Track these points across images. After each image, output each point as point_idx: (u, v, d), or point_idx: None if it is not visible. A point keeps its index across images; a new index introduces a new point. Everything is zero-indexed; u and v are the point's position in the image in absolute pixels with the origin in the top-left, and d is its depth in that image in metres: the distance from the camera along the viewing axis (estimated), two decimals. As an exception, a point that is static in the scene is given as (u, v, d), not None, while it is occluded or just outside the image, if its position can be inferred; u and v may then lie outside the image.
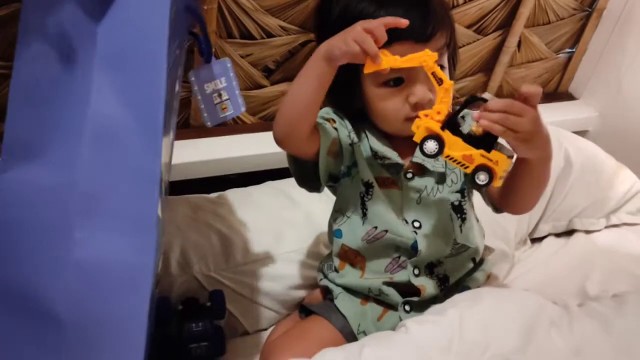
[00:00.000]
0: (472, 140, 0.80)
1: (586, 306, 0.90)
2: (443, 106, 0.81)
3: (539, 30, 1.89)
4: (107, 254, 0.65)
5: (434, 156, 0.81)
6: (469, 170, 0.80)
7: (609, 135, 1.94)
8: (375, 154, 0.96)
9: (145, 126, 0.66)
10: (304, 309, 1.06)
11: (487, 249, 1.10)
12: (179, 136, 1.50)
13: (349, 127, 0.97)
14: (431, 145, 0.81)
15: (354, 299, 1.01)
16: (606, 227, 1.54)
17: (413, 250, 0.97)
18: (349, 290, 1.02)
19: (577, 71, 2.05)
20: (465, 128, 0.84)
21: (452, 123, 0.81)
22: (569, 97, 2.09)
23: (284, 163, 1.61)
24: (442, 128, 0.80)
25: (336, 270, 1.03)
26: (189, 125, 1.56)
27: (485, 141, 0.79)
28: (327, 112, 0.98)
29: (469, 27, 1.77)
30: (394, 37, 0.84)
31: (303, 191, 1.31)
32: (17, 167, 0.67)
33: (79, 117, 0.67)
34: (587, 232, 1.50)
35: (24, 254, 0.68)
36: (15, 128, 0.67)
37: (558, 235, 1.49)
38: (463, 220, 1.00)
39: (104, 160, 0.66)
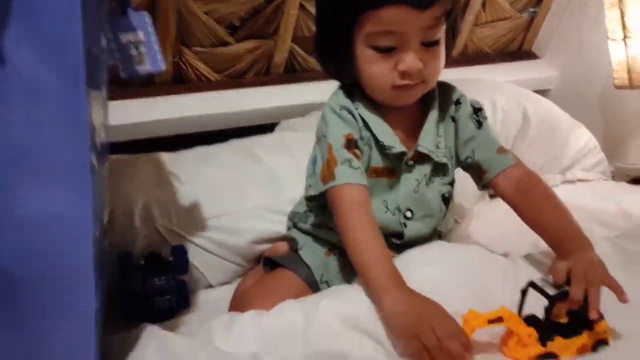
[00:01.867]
0: (567, 328, 0.76)
1: (531, 256, 0.95)
2: (526, 328, 0.75)
3: (504, -11, 1.91)
4: (46, 208, 0.66)
5: None
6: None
7: (569, 95, 1.98)
8: (377, 143, 0.96)
9: (67, 78, 0.65)
10: (268, 262, 1.08)
11: None
12: (142, 94, 1.50)
13: (356, 120, 0.95)
14: None
15: (319, 250, 1.03)
16: (562, 182, 1.60)
17: (397, 236, 0.99)
18: (316, 238, 1.04)
19: (540, 30, 2.07)
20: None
21: (546, 337, 0.75)
22: (532, 56, 2.12)
23: (249, 121, 1.63)
24: (544, 344, 0.74)
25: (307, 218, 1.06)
26: (153, 83, 1.55)
27: (578, 319, 0.76)
28: (345, 124, 0.94)
29: (434, -15, 1.78)
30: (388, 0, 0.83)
31: (267, 149, 1.33)
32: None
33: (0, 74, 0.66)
34: (544, 188, 1.56)
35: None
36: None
37: (516, 191, 1.54)
38: (447, 209, 1.03)
39: (31, 115, 0.66)
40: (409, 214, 0.99)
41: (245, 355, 0.70)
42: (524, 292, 0.77)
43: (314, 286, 1.00)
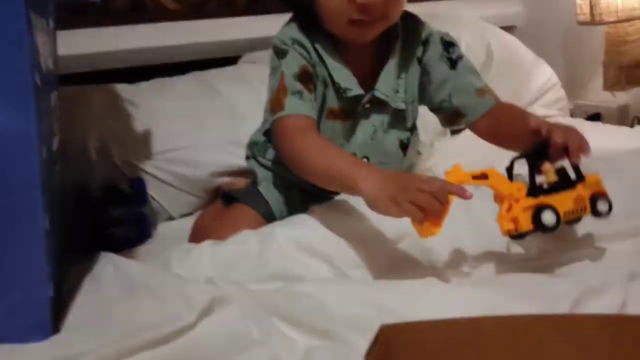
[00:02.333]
0: (559, 186, 0.72)
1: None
2: (512, 185, 0.71)
3: None
4: None
5: (555, 227, 0.70)
6: (588, 211, 0.72)
7: (534, 32, 1.98)
8: (333, 83, 0.91)
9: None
10: (226, 197, 1.06)
11: None
12: (96, 23, 1.44)
13: (314, 54, 0.91)
14: (549, 217, 0.69)
15: (279, 185, 1.01)
16: (522, 119, 1.62)
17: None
18: (276, 174, 1.02)
19: (508, -35, 2.06)
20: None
21: (536, 187, 0.71)
22: (499, -10, 2.11)
23: (211, 54, 1.59)
24: (536, 195, 0.70)
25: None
26: (108, 12, 1.49)
27: (568, 177, 0.72)
28: (301, 55, 0.89)
29: None
30: None
31: (228, 82, 1.30)
32: None
33: None
34: (504, 123, 1.58)
35: None
36: None
37: (477, 126, 1.56)
38: (405, 154, 1.01)
39: None
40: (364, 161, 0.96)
41: (200, 280, 0.72)
42: (509, 169, 0.74)
43: (272, 222, 1.00)
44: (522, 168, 0.75)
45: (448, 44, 0.96)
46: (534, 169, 0.72)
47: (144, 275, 0.71)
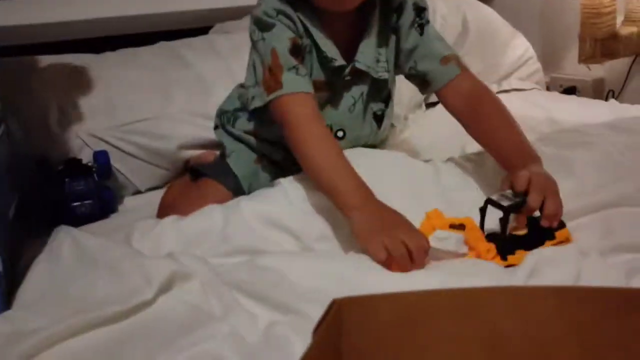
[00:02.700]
0: (528, 240, 0.71)
1: (451, 160, 0.96)
2: (485, 243, 0.70)
3: None
4: None
5: None
6: None
7: (512, 4, 1.95)
8: (319, 53, 0.89)
9: None
10: (194, 171, 1.04)
11: None
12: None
13: (299, 24, 0.88)
14: None
15: (248, 158, 0.99)
16: (498, 92, 1.61)
17: None
18: (246, 144, 0.99)
19: None
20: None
21: (506, 250, 0.70)
22: (477, -38, 2.08)
23: (182, 24, 1.55)
24: (504, 257, 0.70)
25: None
26: (73, -21, 1.44)
27: (539, 229, 0.72)
28: (288, 27, 0.86)
29: None
30: None
31: (196, 52, 1.27)
32: None
33: None
34: (479, 96, 1.57)
35: None
36: None
37: (451, 99, 1.56)
38: (380, 127, 0.99)
39: None
40: (340, 134, 0.95)
41: (161, 255, 0.70)
42: (482, 210, 0.73)
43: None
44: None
45: (420, 10, 0.94)
46: (506, 229, 0.71)
47: (103, 250, 0.69)
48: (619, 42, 1.59)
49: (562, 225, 0.73)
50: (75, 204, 0.90)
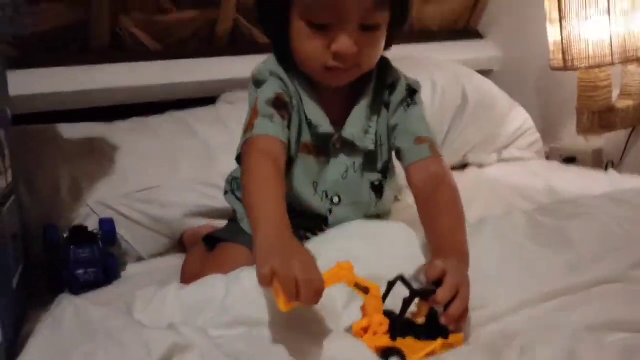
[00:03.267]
0: (423, 329, 0.72)
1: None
2: (381, 316, 0.70)
3: (451, -32, 1.93)
4: None
5: None
6: None
7: (511, 76, 2.03)
8: (307, 119, 0.92)
9: None
10: (208, 240, 1.03)
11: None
12: (76, 61, 1.46)
13: (293, 89, 0.92)
14: None
15: None
16: (498, 161, 1.65)
17: (323, 219, 0.96)
18: None
19: (486, 10, 2.11)
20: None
21: (397, 331, 0.70)
22: (477, 35, 2.16)
23: (191, 93, 1.60)
24: (394, 337, 0.69)
25: None
26: (87, 50, 1.51)
27: (436, 323, 0.71)
28: (277, 85, 0.91)
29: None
30: None
31: (203, 122, 1.31)
32: None
33: None
34: (480, 166, 1.60)
35: None
36: None
37: (453, 169, 1.56)
38: (380, 197, 1.00)
39: None
40: (336, 200, 0.96)
41: (162, 325, 0.70)
42: (391, 284, 0.72)
43: None
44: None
45: (412, 92, 0.97)
46: (406, 311, 0.71)
47: (104, 320, 0.69)
48: (616, 115, 1.63)
49: (459, 331, 0.72)
50: (79, 271, 0.91)
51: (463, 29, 2.16)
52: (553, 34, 1.64)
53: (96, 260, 0.93)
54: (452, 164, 1.58)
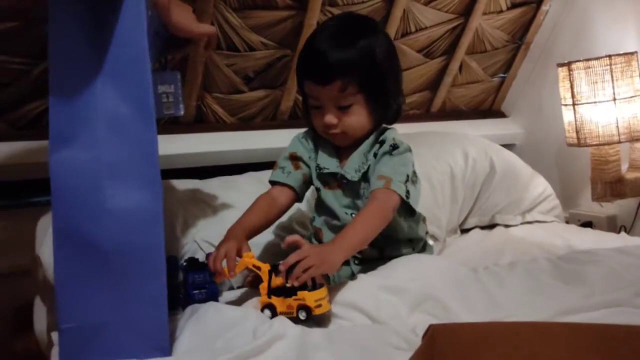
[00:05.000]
0: (284, 291, 1.03)
1: (489, 269, 1.21)
2: (264, 286, 1.07)
3: (477, 57, 2.23)
4: (130, 203, 0.93)
5: (273, 317, 1.03)
6: (294, 315, 1.02)
7: (532, 149, 2.26)
8: (318, 166, 1.27)
9: (140, 112, 0.93)
10: None
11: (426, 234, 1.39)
12: (170, 131, 1.75)
13: (310, 147, 1.29)
14: (267, 313, 1.04)
15: None
16: (522, 223, 1.84)
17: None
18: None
19: (508, 93, 2.39)
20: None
21: (270, 292, 1.06)
22: (500, 114, 2.43)
23: (258, 158, 1.88)
24: (269, 296, 1.05)
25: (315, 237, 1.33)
26: (178, 122, 1.81)
27: (294, 287, 1.02)
28: (295, 147, 1.31)
29: (419, 51, 2.09)
30: (305, 76, 1.20)
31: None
32: (61, 150, 0.95)
33: (92, 110, 0.95)
34: (506, 226, 1.80)
35: (76, 210, 0.94)
36: (55, 123, 0.95)
37: (483, 227, 1.80)
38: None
39: (116, 139, 0.94)
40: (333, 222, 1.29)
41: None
42: (274, 267, 1.07)
43: None
44: None
45: (394, 147, 1.22)
46: (270, 279, 1.07)
47: (241, 317, 0.94)
48: (625, 185, 1.82)
49: (311, 288, 1.01)
50: (195, 291, 1.15)
51: (488, 109, 2.42)
52: (567, 115, 1.88)
53: (207, 284, 1.16)
54: (482, 223, 1.80)
